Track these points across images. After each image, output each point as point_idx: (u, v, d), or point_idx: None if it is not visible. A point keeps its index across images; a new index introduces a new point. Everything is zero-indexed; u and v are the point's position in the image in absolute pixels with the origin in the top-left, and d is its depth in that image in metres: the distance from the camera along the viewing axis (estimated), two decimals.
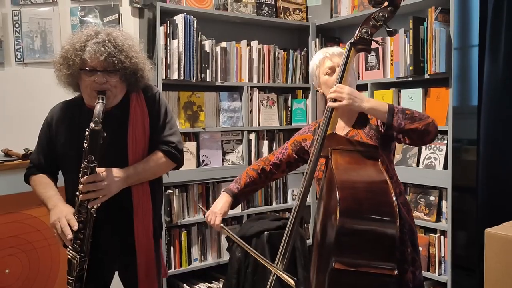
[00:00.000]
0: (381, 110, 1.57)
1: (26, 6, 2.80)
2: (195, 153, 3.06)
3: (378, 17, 1.60)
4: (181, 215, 3.02)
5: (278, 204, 3.44)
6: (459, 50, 3.12)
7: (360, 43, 1.61)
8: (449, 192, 2.66)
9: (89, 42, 1.60)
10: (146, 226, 1.73)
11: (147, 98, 1.76)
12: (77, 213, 1.60)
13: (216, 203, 1.89)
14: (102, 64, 1.60)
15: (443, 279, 2.72)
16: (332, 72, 1.76)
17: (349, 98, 1.55)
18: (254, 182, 1.94)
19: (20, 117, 2.73)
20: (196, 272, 3.13)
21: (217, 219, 1.83)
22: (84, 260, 1.62)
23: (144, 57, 1.74)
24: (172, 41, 2.90)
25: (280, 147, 1.98)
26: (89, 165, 1.55)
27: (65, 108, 1.79)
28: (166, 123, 1.80)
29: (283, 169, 1.97)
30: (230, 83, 3.19)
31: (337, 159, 1.53)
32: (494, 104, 2.63)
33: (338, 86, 1.58)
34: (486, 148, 2.68)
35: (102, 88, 1.61)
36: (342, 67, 1.62)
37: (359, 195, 1.41)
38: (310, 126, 1.94)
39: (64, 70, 1.63)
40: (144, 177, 1.72)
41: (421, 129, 1.56)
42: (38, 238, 2.38)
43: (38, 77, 2.80)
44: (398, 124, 1.55)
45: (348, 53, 1.62)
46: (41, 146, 1.81)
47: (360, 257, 1.33)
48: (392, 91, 2.97)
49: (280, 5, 3.50)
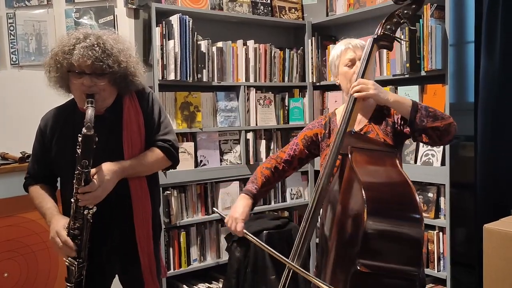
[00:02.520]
0: (405, 104, 1.56)
1: (20, 8, 2.79)
2: (192, 153, 3.06)
3: (402, 14, 1.59)
4: (179, 216, 3.02)
5: (276, 203, 3.43)
6: (455, 47, 3.12)
7: (383, 39, 1.60)
8: (447, 188, 2.67)
9: (77, 45, 1.58)
10: (146, 227, 1.73)
11: (140, 99, 1.76)
12: (73, 219, 1.59)
13: (236, 208, 1.76)
14: (90, 68, 1.59)
15: (442, 276, 2.72)
16: (352, 64, 1.74)
17: (375, 88, 1.55)
18: (269, 181, 1.87)
19: (16, 120, 2.72)
20: (195, 273, 3.12)
21: (238, 226, 1.70)
22: (82, 266, 1.61)
23: (136, 61, 1.71)
24: (168, 41, 2.89)
25: (289, 144, 1.93)
26: (83, 170, 1.53)
27: (57, 114, 1.78)
28: (161, 122, 1.79)
29: (295, 166, 1.92)
30: (227, 83, 3.19)
31: (357, 158, 1.49)
32: (491, 100, 2.63)
33: (361, 80, 1.57)
34: (483, 144, 2.68)
35: (90, 91, 1.59)
36: (364, 63, 1.61)
37: (385, 196, 1.37)
38: (320, 120, 1.90)
39: (53, 72, 1.63)
40: (140, 170, 1.71)
41: (442, 128, 1.55)
42: (36, 242, 2.37)
43: (34, 79, 2.79)
44: (420, 121, 1.54)
45: (370, 49, 1.61)
46: (35, 155, 1.81)
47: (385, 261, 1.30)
48: (388, 88, 2.97)
49: (276, 4, 3.49)
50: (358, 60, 1.71)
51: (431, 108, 1.57)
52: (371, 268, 1.28)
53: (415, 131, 1.57)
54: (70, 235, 1.59)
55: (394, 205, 1.36)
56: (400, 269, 1.30)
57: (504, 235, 2.03)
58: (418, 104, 1.56)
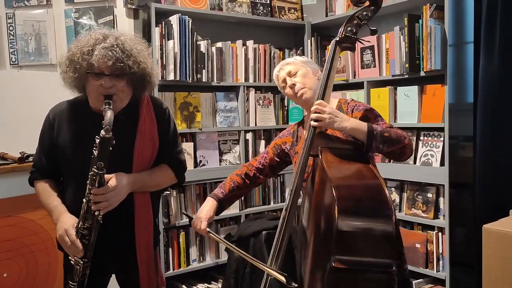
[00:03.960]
0: (361, 131, 1.60)
1: (20, 8, 2.79)
2: (192, 153, 3.06)
3: (362, 16, 1.67)
4: (179, 216, 3.02)
5: (275, 203, 3.44)
6: (454, 47, 3.12)
7: (345, 41, 1.66)
8: (446, 188, 2.67)
9: (97, 46, 1.56)
10: (146, 236, 1.72)
11: (157, 112, 1.75)
12: (83, 219, 1.58)
13: (201, 209, 1.90)
14: (110, 68, 1.57)
15: (441, 276, 2.73)
16: (285, 84, 1.88)
17: (329, 118, 1.58)
18: (238, 187, 1.97)
19: (15, 121, 2.72)
20: (195, 273, 3.13)
21: (202, 224, 1.83)
22: (87, 266, 1.61)
23: (152, 61, 1.71)
24: (167, 41, 2.89)
25: (261, 152, 2.04)
26: (98, 172, 1.52)
27: (69, 108, 1.74)
28: (176, 139, 1.82)
29: (267, 173, 2.02)
30: (226, 83, 3.19)
31: (327, 157, 1.55)
32: (490, 100, 2.63)
33: (320, 104, 1.60)
34: (482, 145, 2.68)
35: (109, 92, 1.58)
36: (329, 66, 1.65)
37: (355, 193, 1.42)
38: (289, 128, 2.01)
39: (71, 73, 1.60)
40: (148, 185, 1.72)
41: (397, 152, 1.66)
42: (36, 242, 2.37)
43: (33, 80, 2.79)
44: (376, 148, 1.61)
45: (334, 51, 1.66)
46: (42, 147, 1.76)
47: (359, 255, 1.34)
48: (388, 88, 2.97)
49: (275, 4, 3.49)
50: (288, 75, 1.86)
51: (387, 133, 1.61)
52: (345, 263, 1.32)
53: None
54: (78, 234, 1.58)
55: (364, 202, 1.41)
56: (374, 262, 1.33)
57: (503, 235, 2.03)
58: (374, 131, 1.59)
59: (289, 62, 1.91)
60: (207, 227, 1.83)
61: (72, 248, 1.59)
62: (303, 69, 1.86)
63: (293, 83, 1.84)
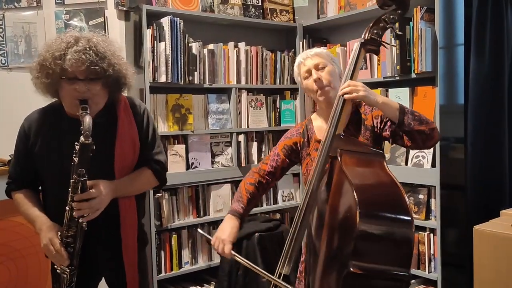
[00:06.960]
0: (393, 106, 1.58)
1: (10, 10, 2.76)
2: (184, 156, 3.05)
3: (388, 19, 1.61)
4: (171, 219, 3.00)
5: (268, 205, 3.44)
6: (445, 49, 3.14)
7: (370, 43, 1.62)
8: (437, 190, 2.68)
9: (69, 50, 1.52)
10: (132, 236, 1.71)
11: (135, 113, 1.72)
12: (67, 227, 1.56)
13: (222, 228, 1.75)
14: (84, 73, 1.53)
15: (433, 277, 2.74)
16: (309, 75, 1.76)
17: (364, 90, 1.56)
18: (254, 197, 1.86)
19: (5, 123, 2.68)
20: (187, 276, 3.11)
21: (226, 248, 1.68)
22: (74, 274, 1.60)
23: (126, 62, 1.68)
24: (159, 43, 2.88)
25: (269, 155, 1.92)
26: (80, 179, 1.50)
27: (43, 115, 1.71)
28: (155, 140, 1.78)
29: (277, 177, 1.92)
30: (218, 85, 3.18)
31: (346, 160, 1.50)
32: (480, 102, 2.65)
33: (350, 82, 1.58)
34: (473, 146, 2.70)
35: (83, 96, 1.54)
36: (352, 67, 1.62)
37: (376, 198, 1.39)
38: (297, 128, 1.90)
39: (43, 79, 1.56)
40: (130, 191, 1.70)
41: (427, 132, 1.58)
42: (26, 246, 2.35)
43: (23, 82, 2.72)
44: (408, 123, 1.56)
45: (358, 53, 1.62)
46: (18, 158, 1.73)
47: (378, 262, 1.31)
48: (379, 90, 2.98)
49: (267, 6, 3.50)
50: (314, 68, 1.75)
51: (417, 113, 1.60)
52: (363, 269, 1.29)
53: (403, 133, 1.60)
54: (63, 243, 1.57)
55: (385, 207, 1.37)
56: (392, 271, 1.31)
57: (494, 236, 2.05)
58: (405, 108, 1.59)
59: (318, 53, 1.78)
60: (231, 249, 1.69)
61: (57, 257, 1.57)
62: (331, 66, 1.78)
63: (318, 77, 1.74)
